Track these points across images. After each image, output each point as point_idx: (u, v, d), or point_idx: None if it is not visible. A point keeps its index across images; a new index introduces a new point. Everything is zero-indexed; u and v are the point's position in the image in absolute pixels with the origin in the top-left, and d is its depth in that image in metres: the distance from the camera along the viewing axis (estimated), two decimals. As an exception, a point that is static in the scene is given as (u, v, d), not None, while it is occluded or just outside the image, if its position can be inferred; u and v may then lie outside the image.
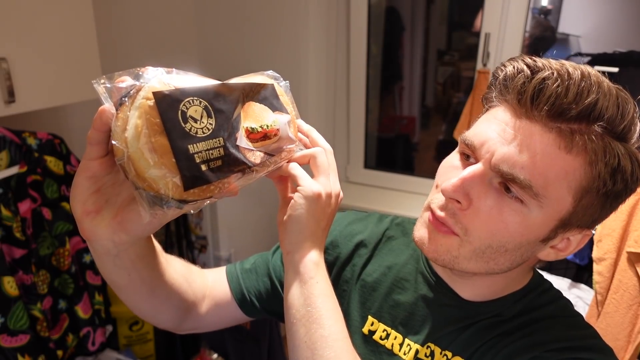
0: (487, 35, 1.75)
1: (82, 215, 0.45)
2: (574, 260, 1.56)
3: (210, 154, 0.42)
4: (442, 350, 0.61)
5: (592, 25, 3.10)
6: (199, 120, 0.42)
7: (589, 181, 0.49)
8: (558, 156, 0.48)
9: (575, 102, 0.46)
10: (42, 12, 1.15)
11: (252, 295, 0.73)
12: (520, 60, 0.51)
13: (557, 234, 0.53)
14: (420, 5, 2.13)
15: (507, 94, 0.51)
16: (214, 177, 0.42)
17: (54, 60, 1.20)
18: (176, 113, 0.40)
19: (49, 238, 1.27)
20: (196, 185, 0.41)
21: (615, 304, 1.18)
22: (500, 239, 0.52)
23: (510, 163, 0.48)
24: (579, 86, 0.46)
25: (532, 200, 0.49)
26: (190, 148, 0.40)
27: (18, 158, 1.20)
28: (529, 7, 1.69)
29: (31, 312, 1.22)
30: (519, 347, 0.55)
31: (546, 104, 0.47)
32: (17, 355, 1.18)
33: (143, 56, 1.83)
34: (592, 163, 0.48)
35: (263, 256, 0.77)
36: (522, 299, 0.61)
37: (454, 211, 0.53)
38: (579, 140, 0.47)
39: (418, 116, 2.31)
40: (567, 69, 0.47)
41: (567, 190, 0.49)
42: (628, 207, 1.18)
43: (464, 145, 0.54)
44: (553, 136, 0.48)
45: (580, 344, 0.55)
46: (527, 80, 0.48)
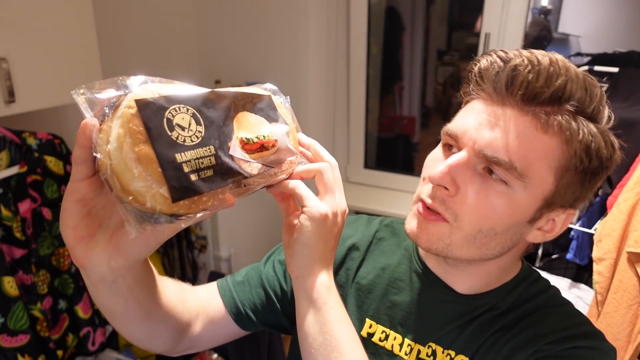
0: (487, 35, 1.75)
1: (74, 241, 0.42)
2: (574, 260, 1.56)
3: (201, 163, 0.39)
4: (444, 350, 0.61)
5: (592, 25, 3.10)
6: (186, 128, 0.39)
7: (567, 159, 0.52)
8: (536, 137, 0.51)
9: (546, 86, 0.50)
10: (42, 12, 1.15)
11: (247, 308, 0.71)
12: (493, 53, 0.54)
13: (542, 214, 0.55)
14: (420, 5, 2.13)
15: (483, 85, 0.54)
16: (205, 188, 0.39)
17: (54, 60, 1.20)
18: (161, 121, 0.38)
19: (49, 238, 1.27)
20: (186, 197, 0.37)
21: (615, 304, 1.18)
22: (489, 222, 0.54)
23: (493, 147, 0.51)
24: (549, 71, 0.50)
25: (516, 181, 0.51)
26: (177, 157, 0.37)
27: (18, 158, 1.20)
28: (529, 7, 1.68)
29: (31, 312, 1.22)
30: (520, 342, 0.57)
31: (520, 89, 0.50)
32: (17, 355, 1.18)
33: (143, 56, 1.83)
34: (567, 142, 0.51)
35: (255, 268, 0.76)
36: (515, 290, 0.63)
37: (443, 198, 0.54)
38: (554, 121, 0.50)
39: (418, 116, 2.31)
40: (536, 57, 0.51)
41: (547, 169, 0.52)
42: (628, 207, 1.18)
43: (447, 136, 0.56)
44: (529, 119, 0.51)
45: (575, 332, 0.57)
46: (501, 70, 0.52)
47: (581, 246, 1.55)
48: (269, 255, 0.77)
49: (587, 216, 1.50)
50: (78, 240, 0.42)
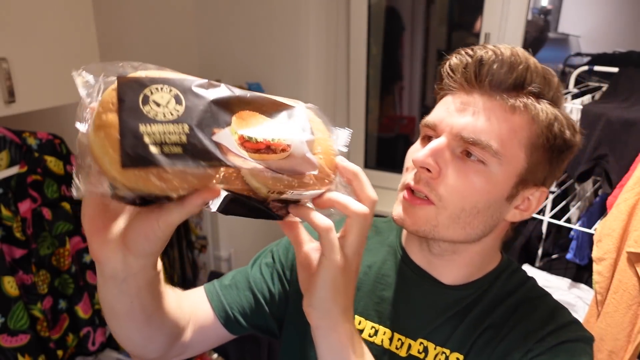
0: (487, 35, 1.75)
1: (91, 233, 0.43)
2: (573, 260, 1.56)
3: (167, 138, 0.35)
4: (436, 346, 0.63)
5: (592, 25, 3.10)
6: (162, 105, 0.37)
7: (535, 137, 0.57)
8: (506, 118, 0.57)
9: (509, 73, 0.56)
10: (42, 12, 1.15)
11: (235, 312, 0.70)
12: (461, 50, 0.61)
13: (518, 191, 0.60)
14: (420, 5, 2.13)
15: (455, 78, 0.60)
16: (166, 163, 0.35)
17: (54, 60, 1.20)
18: (137, 95, 0.36)
19: (49, 238, 1.27)
20: (138, 165, 0.34)
21: (615, 303, 1.18)
22: (471, 200, 0.58)
23: (470, 129, 0.56)
24: (510, 60, 0.57)
25: (492, 159, 0.56)
26: (141, 127, 0.35)
27: (18, 158, 1.20)
28: (529, 7, 1.69)
29: (31, 312, 1.22)
30: (511, 341, 0.60)
31: (487, 77, 0.57)
32: (17, 355, 1.18)
33: (143, 56, 1.82)
34: (533, 120, 0.57)
35: (241, 271, 0.75)
36: (497, 280, 0.66)
37: (427, 180, 0.58)
38: (520, 103, 0.57)
39: (418, 116, 2.31)
40: (499, 49, 0.58)
41: (519, 147, 0.57)
42: (628, 207, 1.18)
43: (426, 127, 0.61)
44: (498, 103, 0.57)
45: (560, 325, 0.61)
46: (469, 63, 0.58)
47: (581, 246, 1.55)
48: (256, 258, 0.77)
49: (587, 216, 1.51)
50: (94, 232, 0.43)
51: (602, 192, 1.51)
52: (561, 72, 2.06)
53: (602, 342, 1.21)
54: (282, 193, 0.42)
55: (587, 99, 1.52)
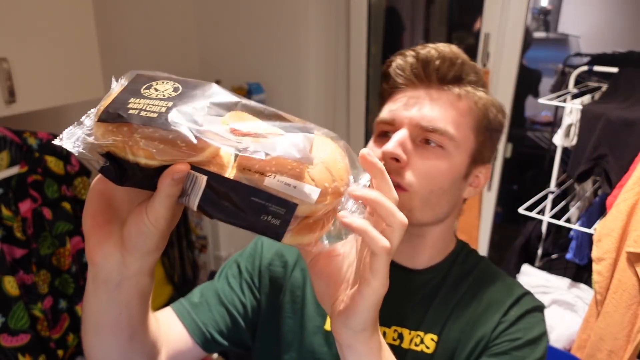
0: (487, 35, 1.75)
1: (91, 229, 0.43)
2: (573, 260, 1.56)
3: (148, 107, 0.36)
4: (410, 331, 0.67)
5: (592, 26, 3.10)
6: (160, 90, 0.38)
7: (478, 121, 0.66)
8: (455, 105, 0.65)
9: (451, 67, 0.65)
10: (42, 12, 1.16)
11: (210, 329, 0.69)
12: (404, 52, 0.68)
13: (471, 170, 0.68)
14: (420, 5, 2.14)
15: (405, 75, 0.66)
16: (137, 120, 0.35)
17: (54, 60, 1.20)
18: (143, 83, 0.39)
19: (49, 238, 1.27)
20: (110, 120, 0.36)
21: (614, 303, 1.18)
22: (437, 182, 0.64)
23: (427, 119, 0.63)
24: (450, 57, 0.65)
25: (450, 143, 0.63)
26: (131, 99, 0.37)
27: (18, 158, 1.20)
28: (529, 7, 1.69)
29: (32, 311, 1.22)
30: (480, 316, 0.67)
31: (433, 72, 0.65)
32: (17, 355, 1.18)
33: (143, 56, 1.83)
34: (476, 106, 0.66)
35: (208, 287, 0.74)
36: (456, 261, 0.73)
37: (397, 170, 0.62)
38: (463, 92, 0.65)
39: (418, 116, 2.31)
40: (439, 47, 0.66)
41: (469, 130, 0.65)
42: (627, 207, 1.18)
43: (382, 124, 0.66)
44: (446, 93, 0.65)
45: (517, 296, 0.69)
46: (416, 61, 0.66)
47: (581, 246, 1.55)
48: (221, 271, 0.76)
49: (587, 216, 1.51)
50: (94, 228, 0.43)
51: (602, 192, 1.51)
52: (561, 72, 2.06)
53: (601, 342, 1.21)
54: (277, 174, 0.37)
55: (587, 99, 1.52)
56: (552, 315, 1.46)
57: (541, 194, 1.61)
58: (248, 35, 1.97)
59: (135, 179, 0.38)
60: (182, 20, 2.02)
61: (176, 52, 2.00)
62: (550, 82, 2.60)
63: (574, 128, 1.51)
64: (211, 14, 2.03)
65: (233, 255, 0.78)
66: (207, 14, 2.03)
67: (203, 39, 2.07)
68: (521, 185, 2.78)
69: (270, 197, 0.38)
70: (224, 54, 2.05)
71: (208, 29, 2.05)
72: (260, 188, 0.37)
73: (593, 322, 1.25)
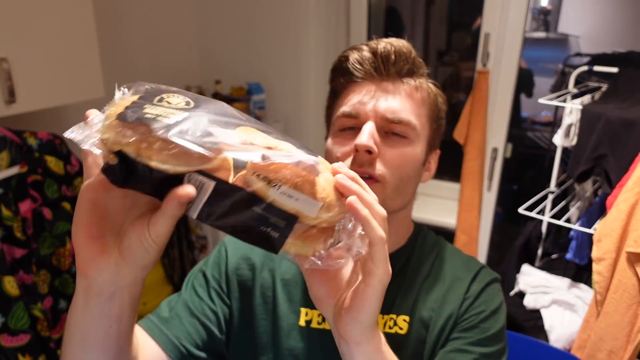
0: (487, 35, 1.75)
1: (84, 240, 0.41)
2: (573, 260, 1.56)
3: (164, 113, 0.37)
4: (383, 315, 0.69)
5: (592, 26, 3.10)
6: (173, 103, 0.39)
7: (431, 110, 0.71)
8: (413, 97, 0.69)
9: (406, 61, 0.69)
10: (42, 12, 1.16)
11: (184, 343, 0.67)
12: (359, 47, 0.70)
13: (427, 156, 0.72)
14: (420, 5, 2.14)
15: (364, 70, 0.69)
16: (155, 123, 0.36)
17: (54, 60, 1.20)
18: (154, 96, 0.39)
19: (49, 238, 1.27)
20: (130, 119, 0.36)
21: (614, 303, 1.18)
22: (405, 169, 0.67)
23: (391, 111, 0.66)
24: (404, 51, 0.69)
25: (412, 132, 0.67)
26: (146, 106, 0.37)
27: (19, 158, 1.20)
28: (529, 7, 1.69)
29: (32, 311, 1.22)
30: (445, 293, 0.70)
31: (392, 66, 0.68)
32: (17, 355, 1.18)
33: (143, 56, 1.83)
34: (428, 96, 0.71)
35: (176, 299, 0.72)
36: (416, 243, 0.76)
37: (369, 161, 0.65)
38: (418, 83, 0.70)
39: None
40: (394, 42, 0.69)
41: (425, 118, 0.70)
42: (627, 207, 1.18)
43: (347, 118, 0.68)
44: (404, 86, 0.69)
45: (475, 271, 0.73)
46: (374, 55, 0.68)
47: (581, 246, 1.55)
48: (186, 283, 0.74)
49: (587, 216, 1.51)
50: (88, 240, 0.41)
51: (602, 192, 1.51)
52: (561, 72, 2.06)
53: (602, 342, 1.21)
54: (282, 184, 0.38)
55: (587, 99, 1.52)
56: (552, 315, 1.46)
57: (541, 194, 1.61)
58: (248, 35, 1.97)
59: (140, 183, 0.37)
60: (182, 20, 2.01)
61: (176, 52, 2.00)
62: (549, 82, 2.60)
63: (574, 128, 1.51)
64: (211, 14, 2.03)
65: (197, 265, 0.77)
66: (207, 14, 2.03)
67: (203, 39, 2.07)
68: (521, 185, 2.78)
69: (272, 208, 0.38)
70: (224, 54, 2.05)
71: (208, 29, 2.05)
72: (263, 198, 0.38)
73: (593, 322, 1.25)
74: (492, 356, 0.66)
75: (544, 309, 1.50)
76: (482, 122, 1.76)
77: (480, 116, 1.75)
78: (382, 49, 0.68)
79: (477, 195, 1.83)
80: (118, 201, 0.42)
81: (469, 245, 1.85)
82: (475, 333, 0.67)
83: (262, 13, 1.92)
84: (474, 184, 1.82)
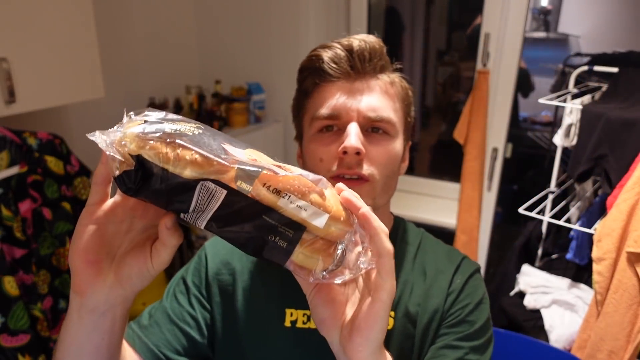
0: (487, 35, 1.75)
1: (83, 265, 0.43)
2: (573, 260, 1.56)
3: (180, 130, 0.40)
4: None
5: (592, 26, 3.10)
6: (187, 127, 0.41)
7: (405, 103, 0.72)
8: (388, 92, 0.69)
9: (379, 58, 0.69)
10: (42, 12, 1.15)
11: (164, 350, 0.67)
12: (330, 45, 0.69)
13: (404, 149, 0.73)
14: (420, 5, 2.14)
15: (340, 68, 0.68)
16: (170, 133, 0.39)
17: (54, 60, 1.20)
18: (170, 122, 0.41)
19: (49, 238, 1.27)
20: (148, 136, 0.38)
21: (614, 303, 1.18)
22: (390, 166, 0.68)
23: (372, 109, 0.66)
24: (377, 47, 0.69)
25: (393, 128, 0.68)
26: (164, 124, 0.40)
27: (18, 158, 1.20)
28: (529, 7, 1.69)
29: (32, 311, 1.22)
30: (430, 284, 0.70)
31: (367, 63, 0.68)
32: (17, 355, 1.18)
33: (143, 56, 1.83)
34: (402, 90, 0.72)
35: (157, 307, 0.72)
36: (397, 236, 0.76)
37: (359, 162, 0.65)
38: (390, 79, 0.70)
39: (418, 116, 2.31)
40: (366, 39, 0.68)
41: (402, 112, 0.71)
42: (628, 207, 1.18)
43: (326, 119, 0.67)
44: (380, 82, 0.69)
45: (457, 263, 0.74)
46: (350, 54, 0.68)
47: (581, 246, 1.55)
48: (168, 290, 0.75)
49: (587, 216, 1.51)
50: (86, 265, 0.43)
51: (602, 192, 1.51)
52: (561, 72, 2.06)
53: (602, 342, 1.21)
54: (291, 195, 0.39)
55: (587, 99, 1.52)
56: (552, 315, 1.46)
57: (541, 194, 1.61)
58: (248, 35, 1.97)
59: (154, 189, 0.39)
60: (182, 20, 2.01)
61: (176, 52, 2.00)
62: (549, 82, 2.60)
63: (574, 128, 1.51)
64: (211, 14, 2.03)
65: (178, 272, 0.77)
66: (206, 14, 2.03)
67: (203, 39, 2.07)
68: (521, 185, 2.78)
69: (281, 218, 0.39)
70: (224, 54, 2.05)
71: (208, 29, 2.05)
72: (272, 207, 0.39)
73: (593, 322, 1.25)
74: (481, 348, 0.67)
75: (544, 309, 1.50)
76: (482, 122, 1.76)
77: (480, 116, 1.75)
78: (357, 47, 0.67)
79: (477, 195, 1.83)
80: (116, 226, 0.44)
81: (469, 245, 1.85)
82: (463, 327, 0.67)
83: (262, 13, 1.92)
84: (474, 184, 1.82)
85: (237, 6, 1.96)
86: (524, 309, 1.54)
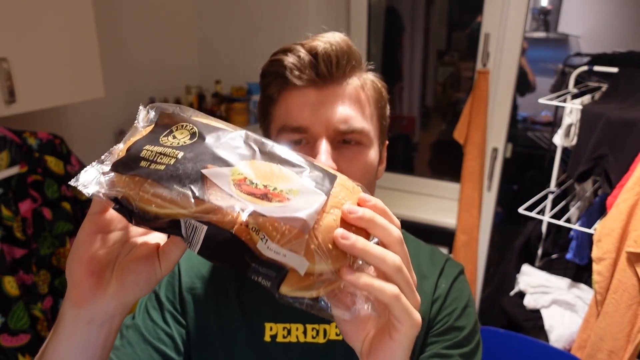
0: (487, 35, 1.75)
1: (85, 276, 0.41)
2: (573, 260, 1.56)
3: (159, 158, 0.39)
4: None
5: (592, 26, 3.10)
6: (178, 138, 0.41)
7: (377, 104, 0.67)
8: (360, 96, 0.63)
9: (349, 59, 0.62)
10: (42, 12, 1.16)
11: None
12: (292, 48, 0.63)
13: (380, 152, 0.68)
14: (420, 5, 2.14)
15: (305, 75, 0.61)
16: (142, 173, 0.38)
17: (54, 60, 1.20)
18: (165, 128, 0.42)
19: (49, 238, 1.27)
20: (119, 170, 0.39)
21: (614, 303, 1.18)
22: (368, 175, 0.64)
23: (343, 121, 0.60)
24: (346, 49, 0.62)
25: (366, 136, 0.63)
26: (147, 146, 0.40)
27: (18, 158, 1.20)
28: (529, 7, 1.69)
29: (32, 311, 1.22)
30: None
31: (334, 68, 0.61)
32: (17, 355, 1.18)
33: (143, 56, 1.83)
34: (374, 90, 0.67)
35: (129, 325, 0.69)
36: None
37: None
38: (361, 82, 0.65)
39: (418, 116, 2.31)
40: (330, 40, 0.62)
41: (376, 116, 0.66)
42: (627, 207, 1.18)
43: (295, 132, 0.61)
44: (349, 87, 0.63)
45: (441, 265, 0.72)
46: (314, 59, 0.61)
47: (581, 246, 1.55)
48: (140, 306, 0.71)
49: (587, 216, 1.51)
50: (88, 276, 0.41)
51: (602, 192, 1.51)
52: (561, 72, 2.06)
53: (602, 342, 1.21)
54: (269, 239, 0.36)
55: (587, 99, 1.52)
56: (552, 315, 1.46)
57: (541, 194, 1.61)
58: (248, 35, 1.97)
59: (143, 223, 0.40)
60: (182, 20, 2.01)
61: (176, 52, 2.00)
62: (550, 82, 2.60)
63: (574, 128, 1.51)
64: (211, 14, 2.03)
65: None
66: (206, 14, 2.03)
67: (203, 39, 2.07)
68: (521, 185, 2.78)
69: (261, 261, 0.37)
70: (224, 54, 2.05)
71: (208, 29, 2.05)
72: (252, 249, 0.37)
73: (593, 322, 1.25)
74: (471, 354, 0.66)
75: (544, 309, 1.50)
76: (482, 122, 1.76)
77: (480, 116, 1.75)
78: (322, 51, 0.60)
79: (477, 195, 1.83)
80: (118, 234, 0.44)
81: (469, 245, 1.85)
82: (452, 335, 0.66)
83: (262, 13, 1.92)
84: (474, 184, 1.82)
85: (237, 6, 1.96)
86: (524, 309, 1.54)
